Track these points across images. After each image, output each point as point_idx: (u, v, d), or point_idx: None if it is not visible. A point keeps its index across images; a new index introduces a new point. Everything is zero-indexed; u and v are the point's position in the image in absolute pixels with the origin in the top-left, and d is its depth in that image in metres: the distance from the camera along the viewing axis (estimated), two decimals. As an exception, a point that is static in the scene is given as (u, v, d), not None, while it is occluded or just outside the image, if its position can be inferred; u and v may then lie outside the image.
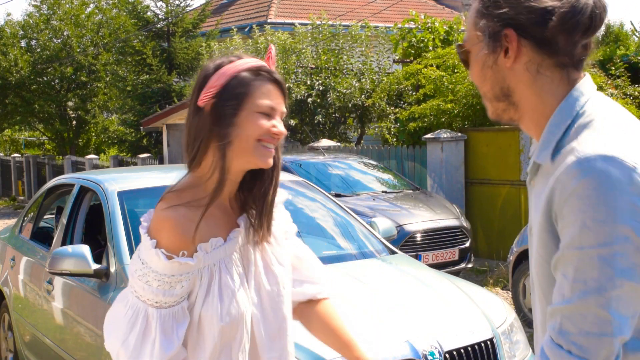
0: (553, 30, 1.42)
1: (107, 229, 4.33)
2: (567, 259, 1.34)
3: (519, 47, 1.45)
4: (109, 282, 4.07)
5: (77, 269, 4.07)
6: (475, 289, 4.20)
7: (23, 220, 6.14)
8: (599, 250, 1.29)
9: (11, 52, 23.74)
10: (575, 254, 1.32)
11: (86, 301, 4.30)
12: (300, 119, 13.39)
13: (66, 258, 4.10)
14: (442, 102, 10.98)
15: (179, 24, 20.29)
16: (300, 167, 9.25)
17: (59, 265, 4.10)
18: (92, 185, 4.87)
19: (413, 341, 3.39)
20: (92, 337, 4.10)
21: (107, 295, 4.00)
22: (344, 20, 16.22)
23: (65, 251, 4.17)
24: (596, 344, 1.31)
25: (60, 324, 4.65)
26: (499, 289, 8.37)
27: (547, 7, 1.42)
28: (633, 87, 12.78)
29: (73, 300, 4.54)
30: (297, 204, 5.18)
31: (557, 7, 1.41)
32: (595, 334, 1.31)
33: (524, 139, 9.67)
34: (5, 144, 33.57)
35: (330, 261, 4.36)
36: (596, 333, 1.31)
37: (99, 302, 4.07)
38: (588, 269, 1.31)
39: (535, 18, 1.42)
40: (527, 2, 1.43)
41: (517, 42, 1.45)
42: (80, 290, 4.39)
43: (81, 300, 4.39)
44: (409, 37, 13.76)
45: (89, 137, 27.06)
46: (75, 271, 4.08)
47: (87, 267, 4.05)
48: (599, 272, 1.29)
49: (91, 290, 4.21)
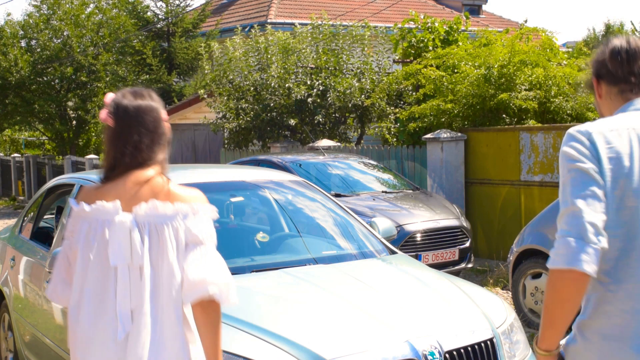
0: (607, 70, 2.38)
1: (107, 229, 4.32)
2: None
3: (599, 87, 2.43)
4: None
5: None
6: (475, 289, 4.20)
7: (23, 220, 6.14)
8: (561, 180, 2.26)
9: (11, 52, 23.74)
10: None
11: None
12: (300, 119, 13.39)
13: None
14: (442, 102, 10.98)
15: (179, 24, 20.30)
16: (300, 167, 9.25)
17: None
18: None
19: (413, 341, 3.39)
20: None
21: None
22: (344, 20, 16.23)
23: None
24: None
25: (60, 324, 4.65)
26: (499, 289, 8.37)
27: (598, 60, 2.41)
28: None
29: (73, 300, 4.54)
30: (297, 204, 5.18)
31: (604, 58, 2.39)
32: (571, 222, 2.15)
33: (524, 139, 9.68)
34: (5, 144, 33.56)
35: (330, 261, 4.36)
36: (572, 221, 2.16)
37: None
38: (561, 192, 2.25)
39: (598, 68, 2.41)
40: (593, 61, 2.44)
41: (597, 84, 2.43)
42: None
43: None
44: (409, 37, 13.75)
45: (89, 137, 27.06)
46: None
47: None
48: (563, 194, 2.22)
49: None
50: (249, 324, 3.41)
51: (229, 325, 3.42)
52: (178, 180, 5.03)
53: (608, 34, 27.27)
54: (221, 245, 4.61)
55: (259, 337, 3.32)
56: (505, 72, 10.67)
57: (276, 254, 4.54)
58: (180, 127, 18.19)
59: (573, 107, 10.75)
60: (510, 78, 10.67)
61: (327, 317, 3.56)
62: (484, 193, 10.32)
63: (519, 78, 10.70)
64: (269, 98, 13.35)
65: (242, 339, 3.33)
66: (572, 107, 10.75)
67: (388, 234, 4.98)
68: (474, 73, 10.75)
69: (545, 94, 10.72)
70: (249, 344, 3.30)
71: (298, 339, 3.32)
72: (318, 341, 3.32)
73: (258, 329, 3.38)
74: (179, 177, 5.18)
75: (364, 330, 3.44)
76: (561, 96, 10.77)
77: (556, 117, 10.86)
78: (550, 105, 10.74)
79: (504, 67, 10.70)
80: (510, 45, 10.91)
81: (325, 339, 3.35)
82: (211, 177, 5.18)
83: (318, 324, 3.48)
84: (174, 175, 2.22)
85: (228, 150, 14.75)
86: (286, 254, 4.53)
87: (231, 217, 5.02)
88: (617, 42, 2.37)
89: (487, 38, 12.22)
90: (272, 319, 3.50)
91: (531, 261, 6.80)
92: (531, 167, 9.64)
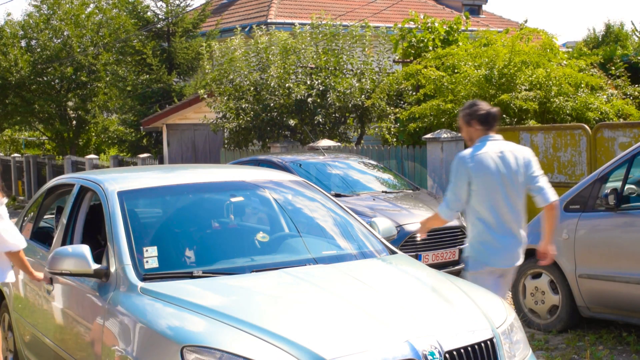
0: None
1: (107, 229, 4.33)
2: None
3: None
4: (109, 282, 4.07)
5: (77, 269, 4.07)
6: (475, 289, 4.19)
7: (23, 220, 6.15)
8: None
9: (11, 52, 23.74)
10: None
11: (86, 301, 4.30)
12: (300, 119, 13.38)
13: (66, 258, 4.10)
14: (442, 102, 10.98)
15: (179, 24, 20.29)
16: (300, 167, 9.24)
17: (59, 265, 4.11)
18: (92, 185, 4.87)
19: (413, 341, 3.39)
20: (92, 337, 4.10)
21: (107, 295, 4.00)
22: (344, 20, 16.22)
23: (65, 251, 4.18)
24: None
25: (60, 324, 4.65)
26: (499, 289, 8.37)
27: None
28: (633, 87, 12.78)
29: (73, 300, 4.55)
30: (297, 204, 5.18)
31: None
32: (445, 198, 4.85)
33: (524, 139, 9.68)
34: (5, 144, 33.57)
35: (330, 261, 4.36)
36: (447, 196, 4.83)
37: (99, 302, 4.08)
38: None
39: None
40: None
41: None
42: (80, 290, 4.39)
43: (81, 300, 4.39)
44: (409, 37, 13.75)
45: (89, 137, 27.07)
46: (75, 271, 4.09)
47: (87, 267, 4.06)
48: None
49: (91, 290, 4.21)
50: (249, 324, 3.41)
51: (229, 325, 3.42)
52: (178, 180, 5.05)
53: (608, 34, 27.25)
54: (221, 245, 4.65)
55: (259, 337, 3.32)
56: (506, 72, 10.67)
57: (276, 254, 4.54)
58: (180, 127, 18.18)
59: (573, 107, 10.75)
60: (511, 78, 10.67)
61: (327, 317, 3.56)
62: (484, 193, 10.30)
63: (519, 78, 10.70)
64: (269, 98, 13.35)
65: (242, 339, 3.33)
66: (572, 107, 10.75)
67: (388, 233, 4.98)
68: (475, 73, 10.75)
69: (545, 94, 10.72)
70: (249, 344, 3.30)
71: (298, 339, 3.32)
72: (318, 341, 3.32)
73: (258, 329, 3.38)
74: (179, 177, 5.19)
75: (364, 330, 3.44)
76: (561, 96, 10.77)
77: (556, 117, 10.86)
78: (550, 106, 10.74)
79: (505, 67, 10.71)
80: (511, 45, 10.91)
81: (325, 339, 3.34)
82: (211, 177, 5.18)
83: (318, 324, 3.48)
84: (174, 175, 2.20)
85: (228, 150, 14.75)
86: (286, 254, 4.53)
87: (231, 217, 5.02)
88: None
89: (487, 38, 12.22)
90: (272, 319, 3.50)
91: (531, 261, 6.80)
92: (531, 167, 9.63)
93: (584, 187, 6.41)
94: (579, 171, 9.14)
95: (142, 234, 4.33)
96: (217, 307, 3.59)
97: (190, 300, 3.67)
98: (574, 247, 6.32)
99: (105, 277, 4.10)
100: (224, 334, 3.36)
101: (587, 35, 28.15)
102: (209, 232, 4.73)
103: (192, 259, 4.33)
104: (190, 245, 4.44)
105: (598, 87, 11.66)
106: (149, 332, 3.55)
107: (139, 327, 3.62)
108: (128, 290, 3.90)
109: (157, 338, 3.49)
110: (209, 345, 3.29)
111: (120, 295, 3.91)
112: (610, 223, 6.20)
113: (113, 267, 4.10)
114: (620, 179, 6.16)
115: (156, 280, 3.96)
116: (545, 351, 6.18)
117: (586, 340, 6.40)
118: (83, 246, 4.15)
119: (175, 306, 3.63)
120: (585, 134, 9.08)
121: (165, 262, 4.15)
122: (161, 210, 4.84)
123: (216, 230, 4.75)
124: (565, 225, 6.37)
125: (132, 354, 3.55)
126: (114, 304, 3.91)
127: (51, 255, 4.20)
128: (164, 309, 3.64)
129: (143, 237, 4.29)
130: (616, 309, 6.21)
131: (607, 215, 6.19)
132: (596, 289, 6.26)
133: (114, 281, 4.04)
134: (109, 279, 4.09)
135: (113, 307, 3.89)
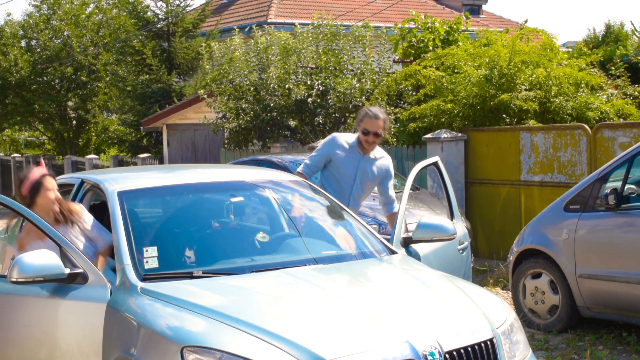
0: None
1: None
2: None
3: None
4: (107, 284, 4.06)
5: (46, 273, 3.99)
6: (475, 289, 4.20)
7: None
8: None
9: (11, 52, 23.74)
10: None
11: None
12: (300, 119, 13.38)
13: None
14: (442, 102, 10.97)
15: (179, 24, 20.29)
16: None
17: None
18: (92, 185, 4.87)
19: (413, 341, 3.39)
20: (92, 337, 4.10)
21: (107, 296, 4.00)
22: (345, 20, 16.21)
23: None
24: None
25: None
26: (499, 289, 8.37)
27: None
28: (633, 87, 12.77)
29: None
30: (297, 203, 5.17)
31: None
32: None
33: (524, 139, 9.68)
34: (5, 144, 33.57)
35: (330, 261, 4.36)
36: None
37: (99, 303, 4.07)
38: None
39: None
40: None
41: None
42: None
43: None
44: (409, 37, 13.74)
45: (89, 137, 27.07)
46: (47, 276, 4.01)
47: (60, 270, 3.99)
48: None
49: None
50: (249, 324, 3.41)
51: (229, 325, 3.42)
52: (178, 180, 5.05)
53: (608, 34, 27.25)
54: (221, 245, 4.65)
55: (259, 338, 3.32)
56: (506, 72, 10.66)
57: (276, 254, 4.54)
58: (180, 127, 18.18)
59: (573, 107, 10.74)
60: (511, 78, 10.67)
61: (327, 317, 3.56)
62: (484, 193, 10.31)
63: (519, 78, 10.69)
64: (269, 98, 13.35)
65: (242, 339, 3.33)
66: (572, 107, 10.74)
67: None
68: (475, 74, 10.75)
69: (545, 94, 10.72)
70: (249, 344, 3.30)
71: (298, 339, 3.32)
72: (318, 341, 3.32)
73: (258, 329, 3.38)
74: (179, 177, 5.18)
75: (364, 331, 3.44)
76: (561, 96, 10.76)
77: (556, 117, 10.86)
78: (550, 105, 10.73)
79: (505, 67, 10.70)
80: (511, 45, 10.91)
81: (325, 339, 3.34)
82: (211, 177, 5.18)
83: (318, 324, 3.48)
84: (174, 175, 2.20)
85: (228, 150, 14.75)
86: (286, 254, 4.53)
87: (231, 217, 5.02)
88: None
89: (487, 38, 12.21)
90: (272, 319, 3.50)
91: (531, 261, 6.81)
92: (531, 167, 9.64)
93: (584, 187, 6.41)
94: (579, 171, 9.14)
95: (142, 234, 4.33)
96: (217, 307, 3.59)
97: (190, 300, 3.67)
98: (574, 247, 6.32)
99: (83, 279, 4.05)
100: (224, 334, 3.36)
101: (587, 35, 28.15)
102: (209, 232, 4.72)
103: (192, 259, 4.33)
104: (190, 246, 4.44)
105: (598, 87, 11.66)
106: (148, 332, 3.55)
107: (139, 328, 3.62)
108: (128, 291, 3.90)
109: (157, 338, 3.49)
110: (209, 345, 3.29)
111: (120, 296, 3.91)
112: (610, 223, 6.20)
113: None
114: (620, 179, 6.17)
115: (156, 280, 3.96)
116: (545, 351, 6.18)
117: (586, 340, 6.40)
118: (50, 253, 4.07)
119: (175, 306, 3.63)
120: (585, 133, 9.08)
121: (165, 262, 4.14)
122: (161, 210, 4.84)
123: (216, 231, 4.75)
124: (565, 225, 6.36)
125: (132, 354, 3.55)
126: (113, 304, 3.90)
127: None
128: (164, 309, 3.63)
129: (143, 237, 4.29)
130: (616, 309, 6.21)
131: (607, 215, 6.19)
132: (596, 289, 6.26)
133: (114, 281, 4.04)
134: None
135: (113, 307, 3.89)
